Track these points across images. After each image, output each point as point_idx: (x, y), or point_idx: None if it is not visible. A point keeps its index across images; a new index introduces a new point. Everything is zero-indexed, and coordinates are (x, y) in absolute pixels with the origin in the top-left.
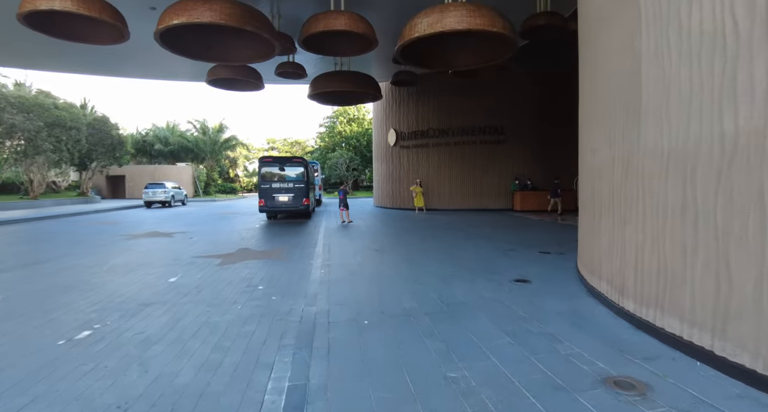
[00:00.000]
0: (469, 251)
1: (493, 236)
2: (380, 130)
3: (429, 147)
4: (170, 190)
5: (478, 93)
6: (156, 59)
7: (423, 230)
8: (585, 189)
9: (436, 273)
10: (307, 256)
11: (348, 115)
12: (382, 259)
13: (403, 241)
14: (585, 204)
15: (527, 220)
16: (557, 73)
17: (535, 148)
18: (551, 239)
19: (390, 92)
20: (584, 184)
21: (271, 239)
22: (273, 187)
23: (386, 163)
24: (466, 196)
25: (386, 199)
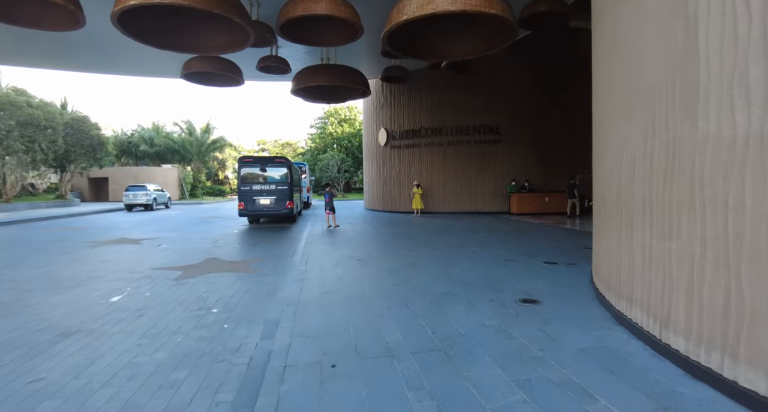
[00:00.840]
0: (465, 261)
1: (490, 243)
2: (370, 129)
3: (421, 147)
4: (152, 193)
5: (473, 90)
6: (127, 53)
7: (414, 235)
8: (604, 192)
9: (428, 291)
10: (282, 268)
11: (339, 116)
12: (366, 271)
13: (391, 249)
14: (605, 209)
15: (526, 224)
16: (557, 67)
17: (532, 148)
18: (556, 247)
19: (380, 89)
20: (603, 186)
21: (247, 246)
22: (254, 190)
23: (377, 164)
24: (461, 199)
25: (377, 201)
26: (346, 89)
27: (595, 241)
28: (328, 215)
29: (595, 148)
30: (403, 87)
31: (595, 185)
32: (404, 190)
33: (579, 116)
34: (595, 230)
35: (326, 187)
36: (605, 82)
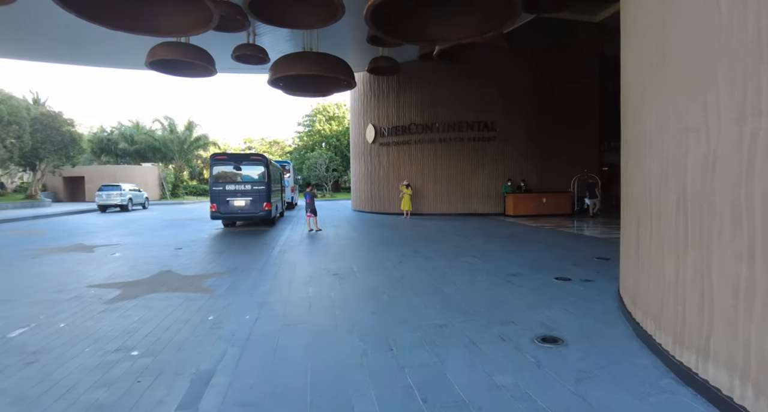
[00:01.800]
0: (462, 275)
1: (489, 252)
2: (357, 126)
3: (411, 144)
4: (127, 193)
5: (466, 84)
6: (90, 41)
7: (403, 242)
8: (650, 193)
9: (417, 323)
10: (241, 286)
11: (328, 114)
12: (343, 292)
13: (376, 259)
14: (649, 218)
15: (524, 227)
16: (555, 59)
17: (529, 146)
18: (562, 256)
19: (368, 83)
20: (646, 185)
21: (212, 255)
22: (227, 190)
23: (364, 163)
24: (454, 200)
25: (365, 202)
26: (328, 80)
27: (624, 257)
28: (309, 217)
29: (628, 135)
30: (392, 80)
31: (628, 184)
32: (393, 191)
33: (579, 110)
34: (624, 242)
35: (307, 186)
36: (654, 42)
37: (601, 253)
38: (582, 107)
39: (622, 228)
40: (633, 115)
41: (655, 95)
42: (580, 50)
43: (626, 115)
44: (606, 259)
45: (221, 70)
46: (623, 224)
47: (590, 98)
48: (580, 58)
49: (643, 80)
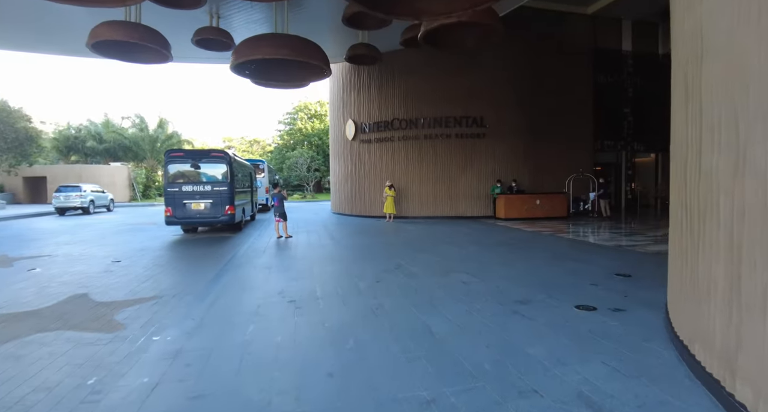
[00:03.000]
0: (456, 303)
1: (485, 266)
2: (337, 121)
3: (394, 141)
4: (88, 194)
5: (454, 76)
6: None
7: (384, 252)
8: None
9: (393, 394)
10: (164, 320)
11: (309, 111)
12: (294, 332)
13: (348, 277)
14: (719, 228)
15: (519, 233)
16: (548, 50)
17: (521, 144)
18: (573, 271)
19: (347, 74)
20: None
21: (150, 271)
22: (184, 191)
23: (344, 161)
24: (440, 202)
25: (345, 204)
26: (301, 67)
27: (684, 286)
28: (278, 222)
29: (681, 127)
30: (374, 71)
31: (681, 185)
32: (375, 192)
33: (573, 106)
34: (680, 262)
35: (275, 187)
36: None
37: (618, 267)
38: (575, 103)
39: (677, 247)
40: (678, 105)
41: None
42: (573, 44)
43: (677, 105)
44: (627, 275)
45: (181, 58)
46: (675, 234)
47: (584, 94)
48: (573, 52)
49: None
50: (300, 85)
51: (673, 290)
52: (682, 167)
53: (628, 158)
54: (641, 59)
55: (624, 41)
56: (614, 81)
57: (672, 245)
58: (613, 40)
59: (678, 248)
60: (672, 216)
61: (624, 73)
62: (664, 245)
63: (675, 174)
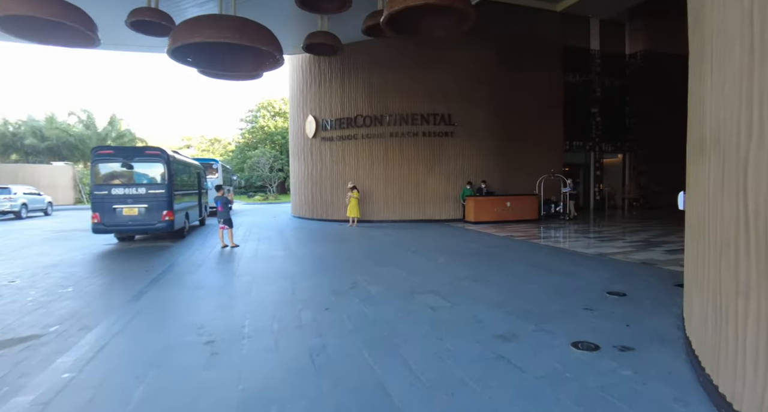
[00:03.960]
0: (422, 342)
1: (458, 284)
2: (297, 117)
3: (358, 139)
4: (19, 197)
5: (421, 71)
6: None
7: (341, 265)
8: None
9: None
10: (16, 380)
11: (273, 109)
12: (193, 404)
13: (290, 306)
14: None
15: (492, 239)
16: (518, 46)
17: (491, 143)
18: (561, 289)
19: (307, 67)
20: None
21: (48, 296)
22: (113, 195)
23: (304, 161)
24: (407, 204)
25: (305, 207)
26: (249, 54)
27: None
28: (222, 230)
29: (728, 108)
30: (335, 64)
31: (735, 188)
32: (337, 194)
33: (543, 105)
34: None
35: (218, 190)
36: None
37: (608, 281)
38: (546, 102)
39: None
40: (695, 100)
41: None
42: (543, 41)
43: (694, 102)
44: (621, 294)
45: (115, 44)
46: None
47: (554, 93)
48: (544, 50)
49: None
50: (252, 76)
51: (703, 327)
52: (735, 163)
53: (596, 159)
54: (609, 59)
55: (592, 40)
56: (583, 80)
57: (702, 266)
58: (581, 39)
59: (718, 273)
60: (703, 229)
61: (592, 73)
62: (648, 253)
63: (722, 173)
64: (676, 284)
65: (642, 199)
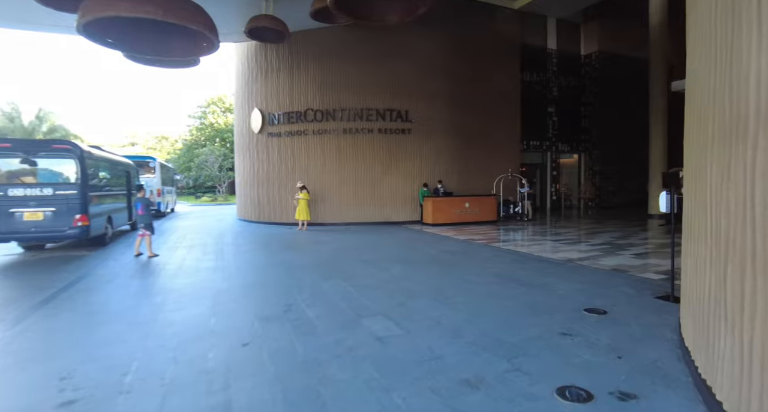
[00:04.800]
0: (362, 397)
1: (413, 302)
2: (242, 111)
3: (309, 135)
4: None
5: (376, 63)
6: None
7: (275, 281)
8: None
9: None
10: None
11: (223, 104)
12: None
13: (197, 342)
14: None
15: (452, 243)
16: (477, 47)
17: (449, 142)
18: (533, 308)
19: (253, 56)
20: None
21: None
22: (11, 196)
23: (249, 159)
24: (362, 206)
25: (251, 209)
26: (178, 35)
27: None
28: (141, 237)
29: (693, 122)
30: (283, 53)
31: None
32: (286, 194)
33: (501, 104)
34: None
35: (139, 191)
36: None
37: (583, 295)
38: (504, 101)
39: None
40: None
41: None
42: (501, 39)
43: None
44: (601, 312)
45: (20, 23)
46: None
47: (512, 91)
48: (501, 48)
49: None
50: (188, 63)
51: (732, 369)
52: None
53: (552, 159)
54: (565, 59)
55: (549, 40)
56: (540, 80)
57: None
58: (538, 38)
59: None
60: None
61: (549, 72)
62: (616, 258)
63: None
64: (656, 297)
65: (596, 198)
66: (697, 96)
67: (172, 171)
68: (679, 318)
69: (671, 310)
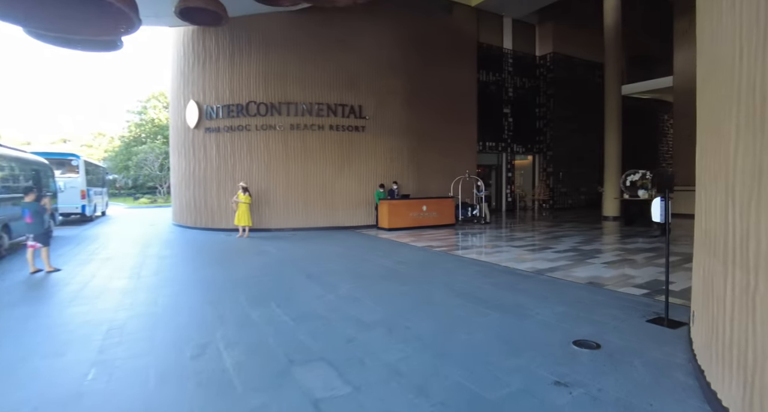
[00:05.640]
0: None
1: (362, 333)
2: (177, 103)
3: (251, 131)
4: None
5: (327, 54)
6: None
7: (196, 308)
8: None
9: None
10: None
11: (165, 100)
12: None
13: (58, 406)
14: None
15: (409, 251)
16: (434, 43)
17: (405, 141)
18: (510, 344)
19: (190, 42)
20: None
21: None
22: None
23: (185, 156)
24: (312, 209)
25: (187, 213)
26: (90, 10)
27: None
28: (32, 249)
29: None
30: (224, 40)
31: None
32: (225, 197)
33: (459, 103)
34: None
35: (27, 194)
36: None
37: (566, 320)
38: (461, 100)
39: None
40: None
41: None
42: (459, 36)
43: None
44: (594, 346)
45: None
46: None
47: (469, 91)
48: (458, 44)
49: None
50: (108, 45)
51: None
52: None
53: (508, 160)
54: (520, 59)
55: (505, 39)
56: (496, 80)
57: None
58: (495, 37)
59: None
60: None
61: (505, 72)
62: (587, 268)
63: None
64: (648, 320)
65: (550, 200)
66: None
67: (101, 170)
68: (696, 360)
69: (670, 339)
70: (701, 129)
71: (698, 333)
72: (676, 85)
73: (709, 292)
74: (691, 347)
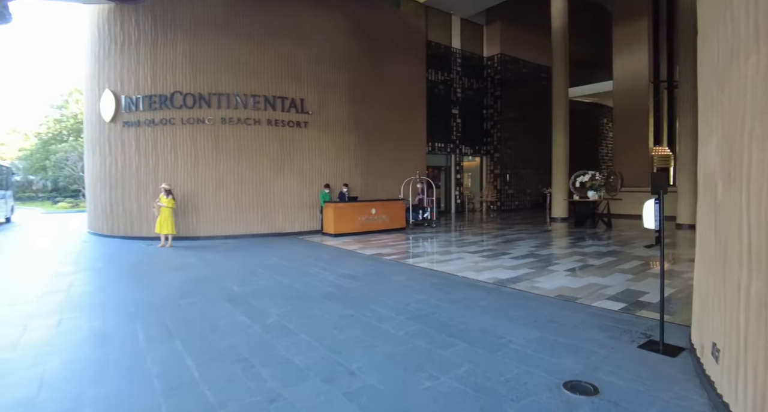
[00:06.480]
0: None
1: (290, 385)
2: (91, 94)
3: (177, 125)
4: None
5: (265, 42)
6: None
7: (73, 347)
8: None
9: None
10: None
11: None
12: None
13: None
14: None
15: (356, 261)
16: (383, 38)
17: (352, 139)
18: (477, 385)
19: (106, 23)
20: None
21: None
22: None
23: (100, 154)
24: (246, 214)
25: (102, 219)
26: None
27: None
28: None
29: None
30: (145, 21)
31: None
32: (146, 200)
33: (408, 101)
34: None
35: None
36: None
37: (546, 350)
38: (410, 98)
39: None
40: None
41: None
42: (408, 32)
43: None
44: (592, 392)
45: None
46: None
47: (419, 90)
48: (407, 40)
49: None
50: None
51: None
52: None
53: (456, 161)
54: (468, 60)
55: (453, 38)
56: (444, 79)
57: None
58: (443, 35)
59: None
60: None
61: (453, 72)
62: (553, 278)
63: None
64: (640, 346)
65: (497, 202)
66: None
67: (4, 169)
68: (728, 408)
69: (676, 374)
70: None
71: (731, 375)
72: (615, 89)
73: (761, 324)
74: (713, 387)
